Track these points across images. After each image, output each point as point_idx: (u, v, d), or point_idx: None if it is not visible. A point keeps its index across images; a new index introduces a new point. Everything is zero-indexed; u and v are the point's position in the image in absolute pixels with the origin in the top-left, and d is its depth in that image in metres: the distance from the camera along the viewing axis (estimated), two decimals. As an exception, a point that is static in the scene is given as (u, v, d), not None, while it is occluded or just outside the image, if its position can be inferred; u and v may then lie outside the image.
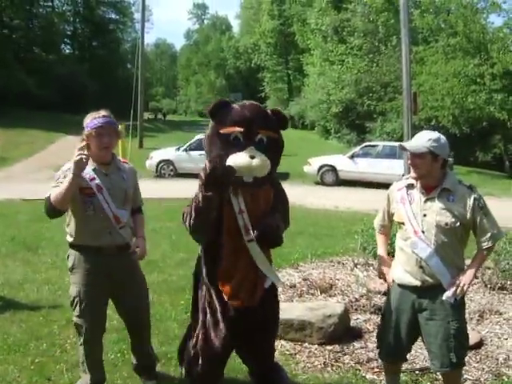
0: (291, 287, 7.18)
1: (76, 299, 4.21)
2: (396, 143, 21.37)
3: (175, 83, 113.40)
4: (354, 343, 5.53)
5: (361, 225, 9.05)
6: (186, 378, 4.08)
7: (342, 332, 5.61)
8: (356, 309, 6.38)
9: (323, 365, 5.10)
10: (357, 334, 5.72)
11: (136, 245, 4.33)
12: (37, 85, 44.67)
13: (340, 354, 5.30)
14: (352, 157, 21.69)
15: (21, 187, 17.44)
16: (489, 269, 7.26)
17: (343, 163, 21.57)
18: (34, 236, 10.43)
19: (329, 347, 5.42)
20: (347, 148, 30.85)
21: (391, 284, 4.10)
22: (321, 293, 6.92)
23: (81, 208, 4.08)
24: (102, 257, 4.15)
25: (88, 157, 3.86)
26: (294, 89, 63.82)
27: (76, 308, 4.23)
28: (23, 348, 5.33)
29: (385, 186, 4.84)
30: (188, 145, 22.59)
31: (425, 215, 3.84)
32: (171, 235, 10.42)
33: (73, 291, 4.24)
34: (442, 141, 3.83)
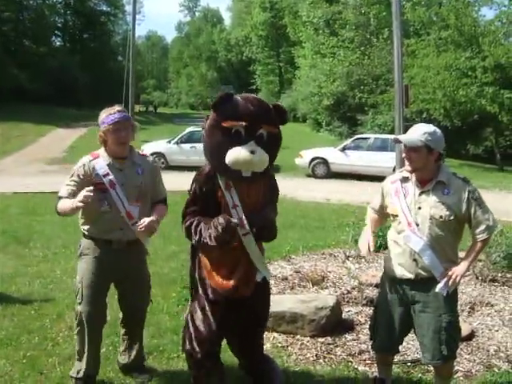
0: (283, 279, 7.18)
1: (79, 285, 4.25)
2: (387, 136, 21.50)
3: (166, 76, 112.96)
4: (346, 335, 5.53)
5: (352, 217, 9.09)
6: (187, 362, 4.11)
7: (334, 324, 5.62)
8: (348, 301, 6.40)
9: (315, 357, 5.11)
10: (348, 326, 5.72)
11: (144, 221, 4.12)
12: (28, 78, 44.58)
13: (332, 346, 5.31)
14: (343, 149, 21.72)
15: (12, 180, 17.37)
16: (480, 261, 7.27)
17: (335, 156, 21.58)
18: (26, 229, 10.40)
19: (321, 339, 5.42)
20: (338, 140, 30.89)
21: (370, 253, 4.11)
22: (313, 285, 6.93)
23: (96, 204, 4.07)
24: (112, 249, 4.20)
25: (93, 198, 3.84)
26: (286, 81, 63.75)
27: (78, 295, 4.27)
28: (15, 342, 5.31)
29: (376, 179, 4.86)
30: (179, 137, 22.57)
31: (419, 208, 3.84)
32: (162, 228, 10.37)
33: (77, 279, 4.29)
34: (438, 134, 3.82)
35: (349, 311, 6.12)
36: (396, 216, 3.96)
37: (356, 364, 4.97)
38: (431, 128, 3.84)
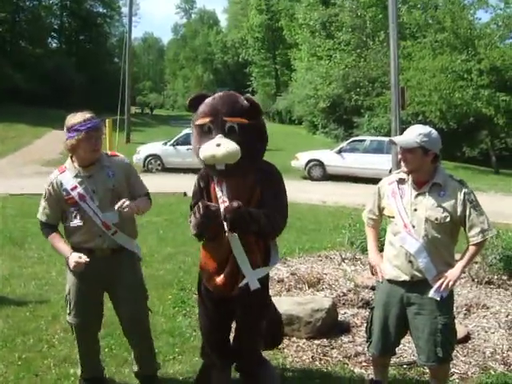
0: (279, 282, 7.18)
1: (67, 297, 4.22)
2: (383, 138, 21.52)
3: (162, 77, 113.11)
4: (342, 337, 5.53)
5: (348, 219, 9.08)
6: None
7: (330, 326, 5.61)
8: (344, 303, 6.39)
9: (311, 359, 5.11)
10: (345, 329, 5.72)
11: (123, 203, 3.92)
12: (24, 79, 44.44)
13: (328, 349, 5.31)
14: (339, 152, 21.71)
15: (7, 182, 17.33)
16: (476, 263, 7.27)
17: (331, 158, 21.58)
18: (21, 231, 10.37)
19: (317, 341, 5.42)
20: (335, 143, 30.89)
21: (384, 279, 4.09)
22: (309, 287, 6.92)
23: (68, 218, 4.10)
24: (95, 258, 4.04)
25: (84, 265, 3.92)
26: (282, 84, 63.75)
27: (67, 306, 4.24)
28: (10, 343, 5.30)
29: (372, 181, 4.86)
30: (175, 139, 22.54)
31: (415, 210, 3.84)
32: (158, 230, 10.39)
33: (66, 289, 4.25)
34: (433, 135, 3.82)
35: (345, 313, 6.11)
36: (392, 217, 3.95)
37: (352, 366, 4.96)
38: (427, 129, 3.84)
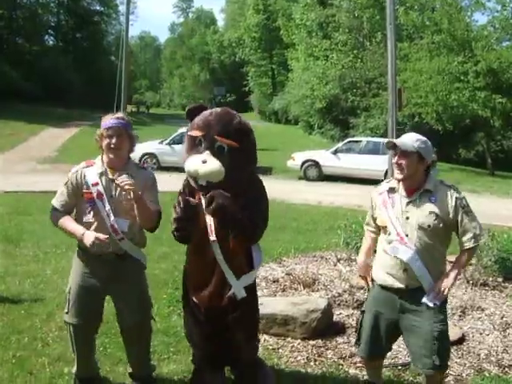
0: (274, 282, 7.18)
1: (67, 296, 4.22)
2: (379, 139, 21.53)
3: (159, 76, 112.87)
4: (337, 338, 5.54)
5: (344, 220, 9.08)
6: None
7: (325, 327, 5.62)
8: (339, 304, 6.40)
9: (306, 360, 5.11)
10: (340, 329, 5.73)
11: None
12: (20, 76, 44.38)
13: (323, 349, 5.31)
14: (335, 152, 21.74)
15: (2, 179, 17.26)
16: (471, 265, 7.29)
17: (326, 158, 21.60)
18: (16, 229, 10.34)
19: (312, 342, 5.43)
20: (330, 143, 30.87)
21: (374, 284, 4.10)
22: (304, 288, 6.92)
23: (81, 213, 4.11)
24: (100, 262, 4.09)
25: (104, 242, 3.94)
26: (278, 83, 63.66)
27: (65, 305, 4.24)
28: (4, 342, 5.28)
29: (368, 182, 4.87)
30: (171, 138, 22.52)
31: (407, 218, 3.85)
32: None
33: (67, 287, 4.26)
34: (428, 144, 3.88)
35: (340, 314, 6.12)
36: (385, 227, 3.96)
37: (347, 367, 4.97)
38: (423, 137, 3.90)
